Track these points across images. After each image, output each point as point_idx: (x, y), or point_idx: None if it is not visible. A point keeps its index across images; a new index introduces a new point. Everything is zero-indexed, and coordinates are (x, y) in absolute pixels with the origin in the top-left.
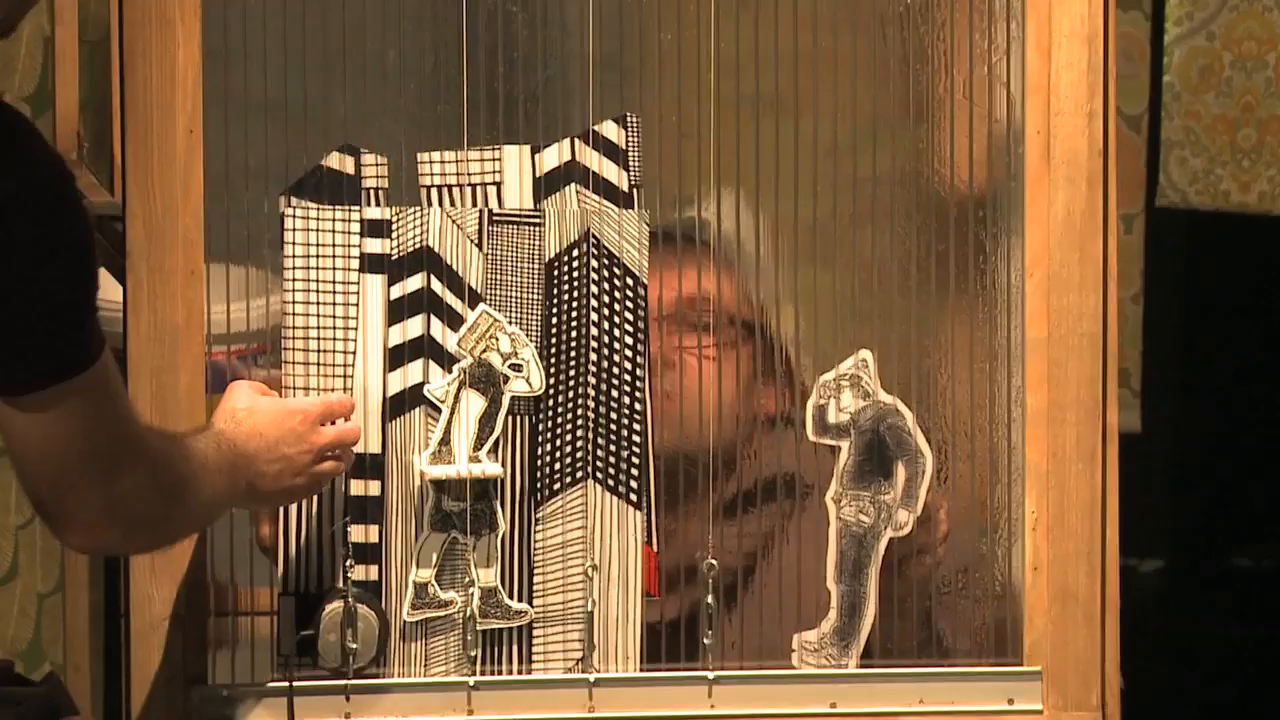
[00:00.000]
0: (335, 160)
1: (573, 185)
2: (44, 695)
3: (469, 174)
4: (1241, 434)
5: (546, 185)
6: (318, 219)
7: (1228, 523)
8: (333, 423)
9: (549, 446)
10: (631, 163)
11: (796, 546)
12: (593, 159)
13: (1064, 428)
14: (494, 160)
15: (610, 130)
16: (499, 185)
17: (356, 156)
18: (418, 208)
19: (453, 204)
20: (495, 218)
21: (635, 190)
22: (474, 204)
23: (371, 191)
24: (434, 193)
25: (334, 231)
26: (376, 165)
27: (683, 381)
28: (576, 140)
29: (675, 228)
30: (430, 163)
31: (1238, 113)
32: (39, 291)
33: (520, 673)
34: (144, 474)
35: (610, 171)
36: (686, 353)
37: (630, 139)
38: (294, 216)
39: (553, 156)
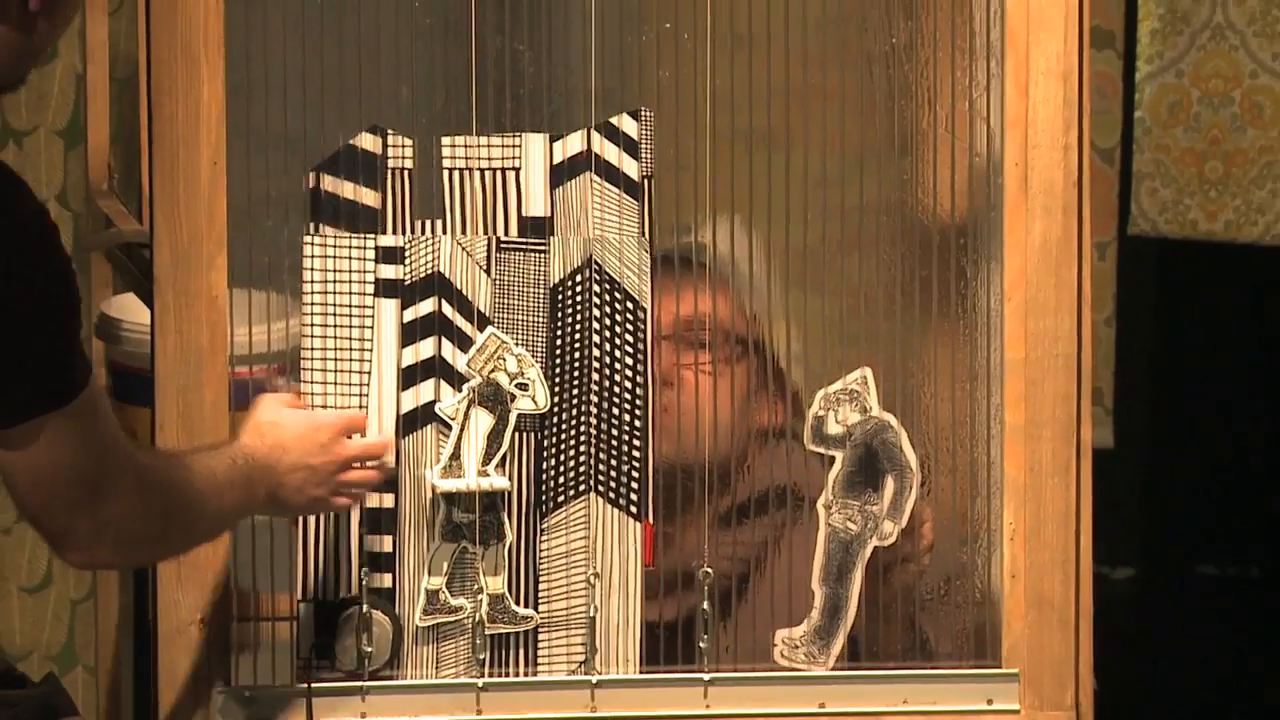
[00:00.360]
0: (364, 140)
1: (588, 174)
2: (40, 697)
3: (489, 159)
4: (1208, 449)
5: (561, 173)
6: (335, 246)
7: (1195, 533)
8: (363, 435)
9: (553, 461)
10: (644, 154)
11: (788, 553)
12: (608, 149)
13: (1040, 443)
14: (515, 147)
15: (626, 123)
16: (518, 170)
17: (384, 137)
18: (430, 236)
19: (474, 188)
20: (503, 244)
21: (646, 181)
22: (494, 188)
23: (393, 174)
24: (456, 175)
25: (350, 258)
26: (402, 146)
27: (680, 398)
28: (593, 131)
29: (674, 253)
30: (454, 146)
31: (1205, 146)
32: (22, 330)
33: (526, 674)
34: (133, 495)
35: (623, 162)
36: (686, 369)
37: (644, 132)
38: (312, 244)
39: (570, 145)
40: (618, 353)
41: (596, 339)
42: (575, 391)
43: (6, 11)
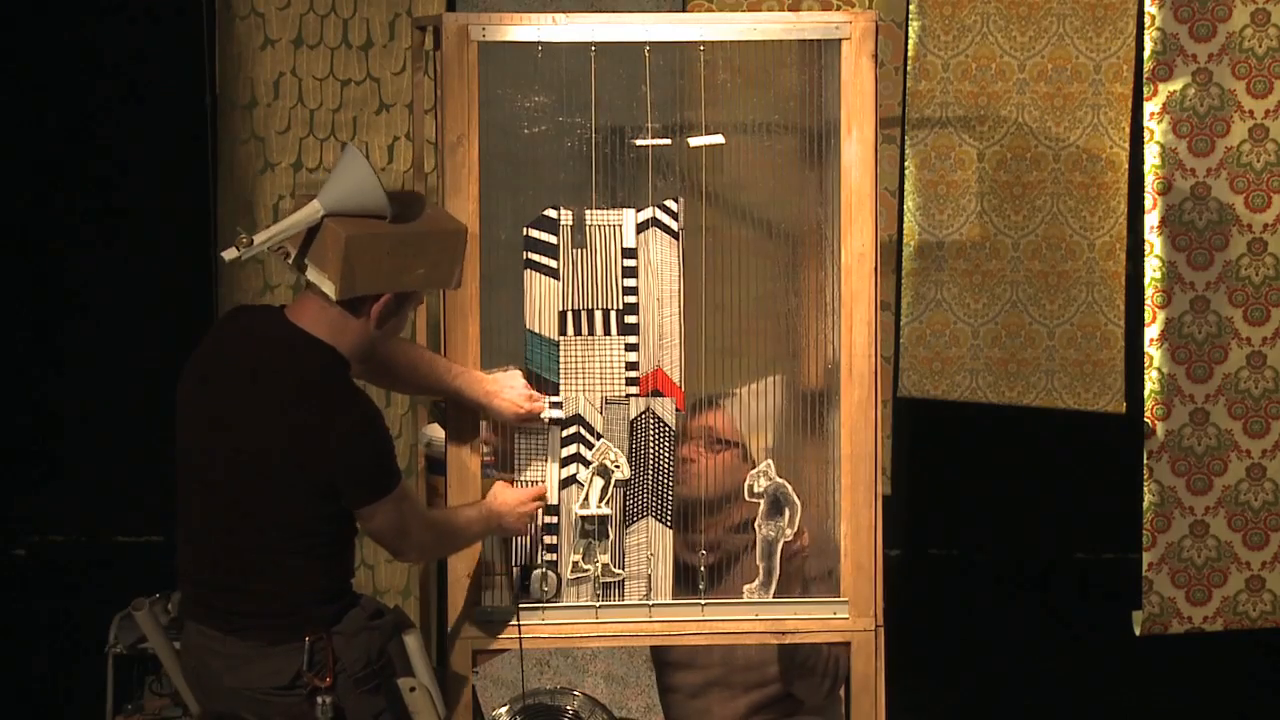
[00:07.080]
0: (549, 211)
1: (652, 228)
2: (394, 618)
3: (608, 221)
4: (934, 492)
5: (641, 226)
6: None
7: (929, 533)
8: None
9: (631, 501)
10: (679, 218)
11: (749, 549)
12: (661, 215)
13: (858, 492)
14: (619, 215)
15: (672, 204)
16: (621, 225)
17: (558, 209)
18: (573, 395)
19: (600, 234)
20: (609, 400)
21: (681, 231)
22: (610, 234)
23: (562, 227)
24: (593, 228)
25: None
26: (566, 213)
27: (700, 465)
28: (655, 206)
29: (693, 403)
30: (594, 215)
31: (932, 355)
32: (366, 466)
33: (618, 599)
34: (426, 533)
35: (671, 221)
36: (701, 452)
37: (679, 208)
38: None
39: (645, 213)
40: (661, 453)
41: (651, 446)
42: (641, 469)
43: (370, 317)
